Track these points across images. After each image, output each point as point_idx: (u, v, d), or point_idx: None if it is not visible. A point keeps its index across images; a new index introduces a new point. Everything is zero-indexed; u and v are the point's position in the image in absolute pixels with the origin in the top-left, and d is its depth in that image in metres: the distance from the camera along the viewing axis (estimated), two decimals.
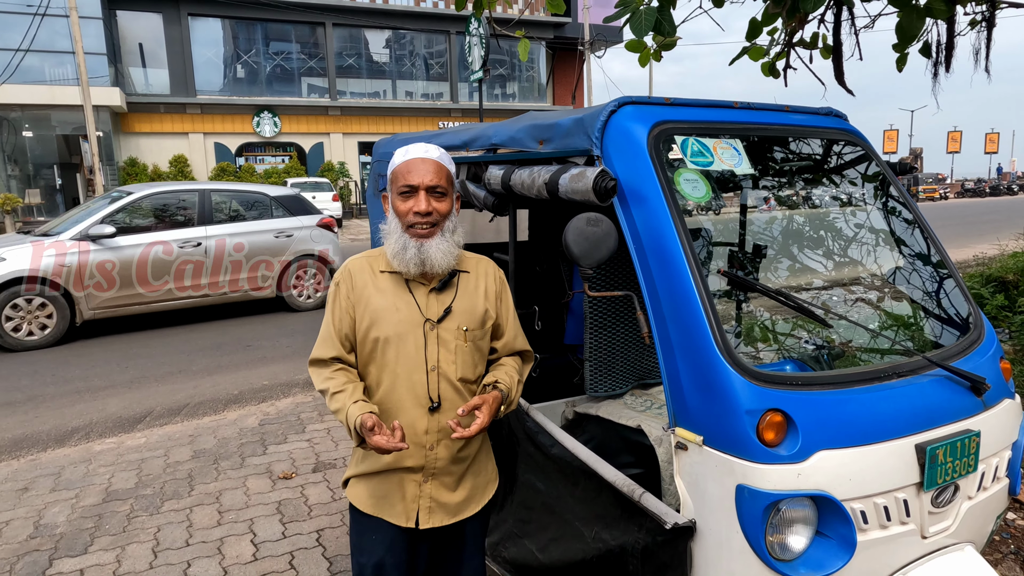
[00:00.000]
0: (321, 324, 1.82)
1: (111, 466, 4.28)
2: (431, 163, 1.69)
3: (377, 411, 1.69)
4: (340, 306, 1.75)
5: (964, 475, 1.73)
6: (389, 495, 1.76)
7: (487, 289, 1.82)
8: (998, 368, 1.96)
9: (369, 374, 1.75)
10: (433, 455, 1.74)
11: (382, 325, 1.70)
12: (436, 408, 1.71)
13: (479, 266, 1.85)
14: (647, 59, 4.50)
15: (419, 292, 1.74)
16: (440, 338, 1.72)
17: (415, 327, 1.71)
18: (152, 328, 8.17)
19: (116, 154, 23.77)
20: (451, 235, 1.73)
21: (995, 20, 4.56)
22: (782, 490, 1.51)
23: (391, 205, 1.73)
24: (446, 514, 1.79)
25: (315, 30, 26.84)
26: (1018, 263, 6.54)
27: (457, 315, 1.74)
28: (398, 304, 1.72)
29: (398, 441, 1.57)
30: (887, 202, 2.39)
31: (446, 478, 1.77)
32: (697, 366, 1.63)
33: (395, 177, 1.71)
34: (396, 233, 1.70)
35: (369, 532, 1.78)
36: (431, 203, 1.67)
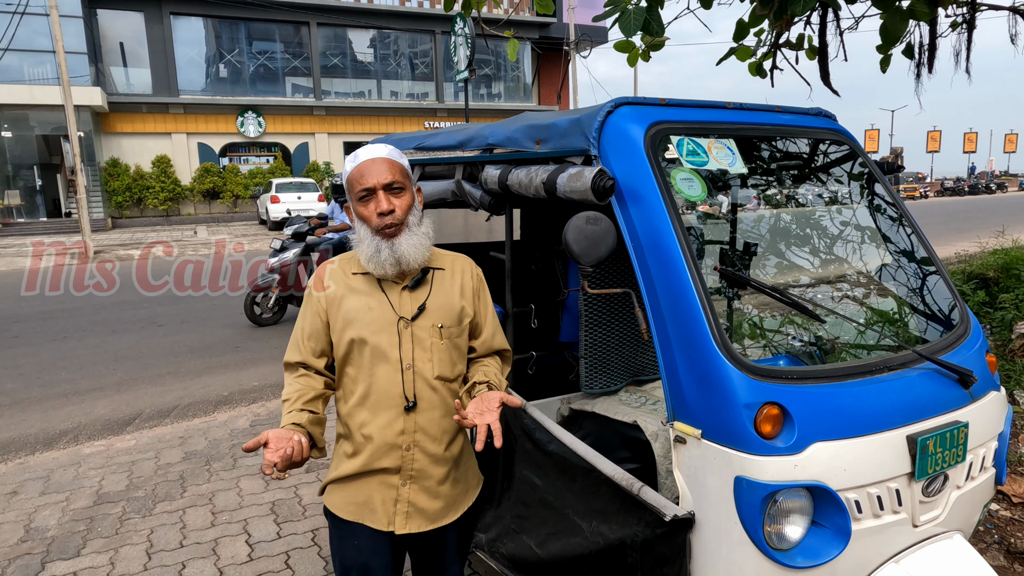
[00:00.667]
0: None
1: (101, 468, 4.25)
2: (382, 161, 1.68)
3: (303, 423, 1.61)
4: (312, 309, 1.74)
5: (953, 465, 1.78)
6: (369, 500, 1.72)
7: (463, 286, 1.81)
8: (984, 361, 2.01)
9: (347, 375, 1.73)
10: (410, 456, 1.71)
11: (356, 325, 1.69)
12: (412, 407, 1.69)
13: (455, 263, 1.83)
14: (635, 59, 4.54)
15: (392, 291, 1.72)
16: (415, 336, 1.70)
17: (389, 326, 1.69)
18: (139, 330, 8.10)
19: (98, 154, 23.49)
20: (419, 228, 1.72)
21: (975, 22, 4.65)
22: (779, 481, 1.55)
23: (355, 214, 1.72)
24: (424, 520, 1.75)
25: (299, 29, 26.68)
26: (998, 260, 6.66)
27: (432, 312, 1.73)
28: (371, 304, 1.70)
29: (274, 465, 1.48)
30: (875, 200, 2.44)
31: (426, 482, 1.73)
32: (695, 361, 1.66)
33: (351, 184, 1.69)
34: (367, 239, 1.69)
35: (350, 538, 1.75)
36: (391, 200, 1.66)
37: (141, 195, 24.26)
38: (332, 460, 1.81)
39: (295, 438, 1.55)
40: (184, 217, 25.15)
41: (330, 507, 1.77)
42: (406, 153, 2.94)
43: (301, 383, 1.72)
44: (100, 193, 23.27)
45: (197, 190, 25.10)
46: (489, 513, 2.49)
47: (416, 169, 2.87)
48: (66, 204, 24.31)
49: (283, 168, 26.41)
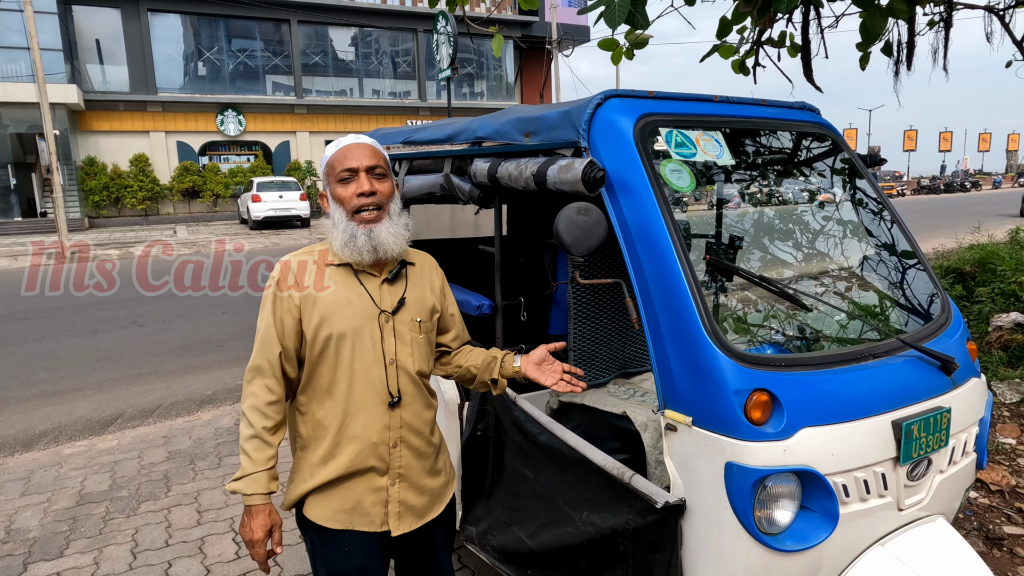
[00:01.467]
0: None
1: (83, 469, 4.19)
2: (366, 146, 1.66)
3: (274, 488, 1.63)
4: (281, 306, 1.63)
5: (936, 450, 1.81)
6: (359, 504, 1.66)
7: (432, 281, 1.80)
8: (965, 349, 2.06)
9: (320, 375, 1.64)
10: (397, 453, 1.67)
11: (334, 320, 1.61)
12: (396, 403, 1.65)
13: (423, 260, 1.82)
14: (619, 57, 4.57)
15: (371, 283, 1.67)
16: (396, 330, 1.67)
17: (370, 320, 1.64)
18: (120, 330, 7.98)
19: (74, 153, 23.10)
20: (398, 218, 1.68)
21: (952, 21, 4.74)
22: (769, 466, 1.57)
23: (331, 196, 1.66)
24: (414, 517, 1.73)
25: (279, 27, 26.45)
26: (974, 255, 6.80)
27: (411, 306, 1.71)
28: (350, 297, 1.64)
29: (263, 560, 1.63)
30: (859, 193, 2.49)
31: (412, 478, 1.71)
32: (686, 349, 1.68)
33: (332, 166, 1.65)
34: (342, 223, 1.63)
35: (339, 547, 1.67)
36: (373, 184, 1.63)
37: (119, 194, 23.90)
38: (298, 469, 1.71)
39: (277, 521, 1.64)
40: (163, 217, 24.83)
41: (314, 519, 1.68)
42: (394, 147, 2.94)
43: (270, 409, 1.62)
44: (76, 192, 22.89)
45: (176, 189, 24.79)
46: (479, 506, 2.50)
47: (404, 163, 2.87)
48: (41, 204, 23.88)
49: (264, 167, 26.16)
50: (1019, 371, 4.88)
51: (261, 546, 1.61)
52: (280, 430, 1.67)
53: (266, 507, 1.61)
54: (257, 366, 1.65)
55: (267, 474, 1.62)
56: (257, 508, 1.61)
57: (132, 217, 24.37)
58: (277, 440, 1.66)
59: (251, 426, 1.62)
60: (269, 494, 1.62)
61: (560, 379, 1.80)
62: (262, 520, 1.60)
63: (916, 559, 1.74)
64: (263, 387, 1.64)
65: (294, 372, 1.68)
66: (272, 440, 1.64)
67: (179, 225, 23.28)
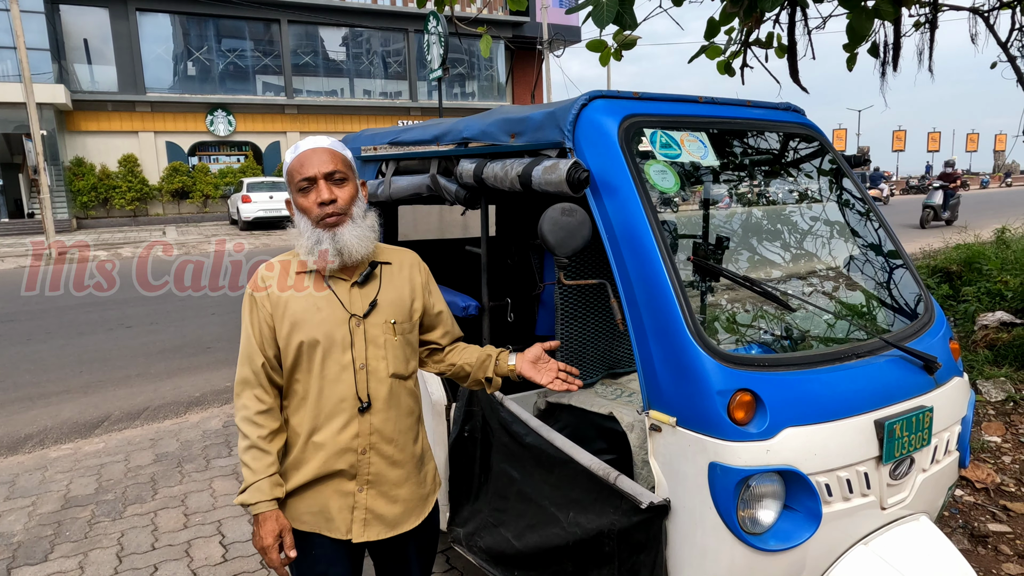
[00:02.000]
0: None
1: (68, 472, 4.16)
2: (323, 151, 1.62)
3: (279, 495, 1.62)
4: (257, 315, 1.63)
5: (919, 448, 1.83)
6: (325, 508, 1.65)
7: (412, 280, 1.76)
8: (948, 348, 2.07)
9: (296, 382, 1.64)
10: (366, 460, 1.64)
11: (304, 328, 1.60)
12: (366, 408, 1.63)
13: (402, 258, 1.78)
14: (607, 58, 4.58)
15: (340, 288, 1.65)
16: (368, 334, 1.64)
17: (340, 325, 1.62)
18: (107, 332, 7.93)
19: (61, 153, 22.91)
20: (363, 220, 1.65)
21: (937, 22, 4.78)
22: (752, 466, 1.58)
23: (295, 205, 1.65)
24: (383, 527, 1.69)
25: (269, 27, 26.33)
26: (961, 255, 6.85)
27: (384, 308, 1.67)
28: (319, 303, 1.62)
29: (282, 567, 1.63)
30: (843, 194, 2.50)
31: (383, 486, 1.68)
32: (670, 350, 1.68)
33: (291, 176, 1.63)
34: (307, 231, 1.61)
35: (307, 549, 1.67)
36: (332, 190, 1.60)
37: (107, 195, 23.72)
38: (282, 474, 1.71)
39: (286, 525, 1.63)
40: (152, 217, 24.66)
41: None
42: (381, 148, 2.93)
43: (262, 419, 1.62)
44: (64, 193, 22.70)
45: (166, 190, 24.62)
46: (467, 507, 2.50)
47: (391, 164, 2.86)
48: (29, 204, 23.68)
49: (254, 167, 26.03)
50: (1004, 369, 4.92)
51: (273, 551, 1.60)
52: (278, 437, 1.65)
53: (273, 513, 1.60)
54: (244, 378, 1.65)
55: (269, 481, 1.60)
56: (264, 516, 1.60)
57: (121, 218, 24.19)
58: (275, 447, 1.64)
59: (247, 437, 1.62)
60: (275, 500, 1.61)
61: (556, 378, 1.78)
62: (270, 526, 1.60)
63: (899, 558, 1.75)
64: (252, 398, 1.64)
65: (281, 379, 1.67)
66: (270, 447, 1.62)
67: (169, 226, 23.13)
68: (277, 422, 1.65)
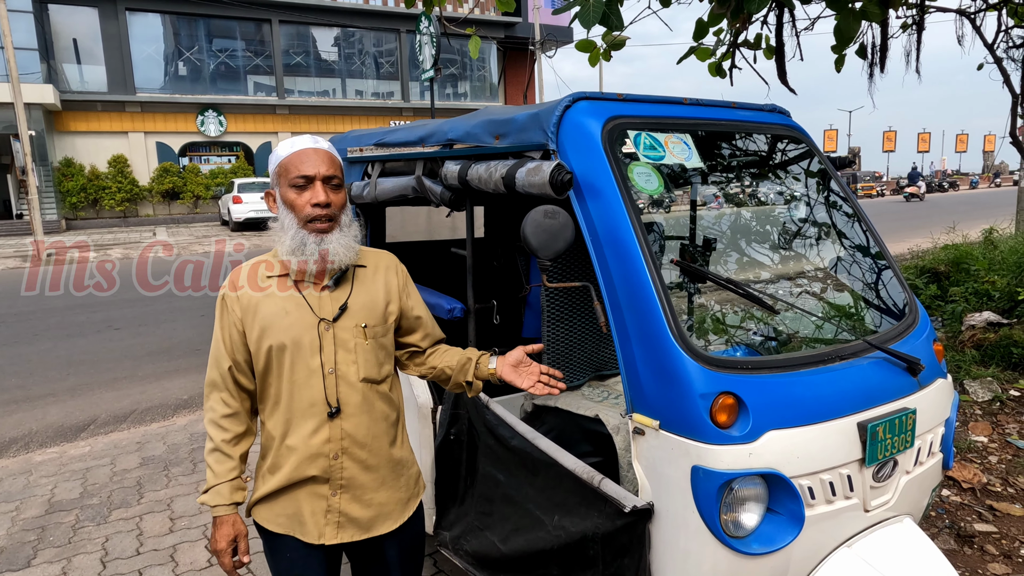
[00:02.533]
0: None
1: (53, 476, 4.12)
2: (323, 153, 1.60)
3: (239, 500, 1.64)
4: (227, 319, 1.62)
5: (902, 451, 1.83)
6: (298, 512, 1.64)
7: (388, 282, 1.73)
8: (931, 350, 2.07)
9: (269, 385, 1.63)
10: (339, 464, 1.62)
11: (273, 332, 1.58)
12: (336, 414, 1.60)
13: (379, 260, 1.75)
14: (596, 59, 4.58)
15: (310, 291, 1.63)
16: (337, 338, 1.61)
17: (309, 329, 1.59)
18: (95, 334, 7.86)
19: (50, 154, 22.74)
20: (349, 229, 1.63)
21: (924, 24, 4.80)
22: (735, 469, 1.57)
23: (282, 199, 1.60)
24: (357, 529, 1.67)
25: (261, 27, 26.22)
26: (949, 255, 6.89)
27: (354, 312, 1.64)
28: (287, 307, 1.60)
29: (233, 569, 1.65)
30: (828, 196, 2.50)
31: (357, 490, 1.65)
32: (653, 353, 1.67)
33: (286, 169, 1.58)
34: (292, 229, 1.57)
35: (282, 551, 1.67)
36: (329, 195, 1.57)
37: (97, 196, 23.55)
38: (256, 476, 1.72)
39: (242, 530, 1.64)
40: (143, 218, 24.51)
41: (260, 521, 1.70)
42: (367, 149, 2.91)
43: (227, 422, 1.63)
44: (53, 194, 22.53)
45: (156, 191, 24.48)
46: (453, 510, 2.48)
47: (377, 165, 2.85)
48: (17, 205, 23.49)
49: (245, 168, 25.92)
50: (991, 369, 4.94)
51: (226, 556, 1.63)
52: (243, 441, 1.67)
53: (230, 517, 1.63)
54: (212, 380, 1.66)
55: (229, 485, 1.63)
56: (221, 519, 1.62)
57: (110, 219, 24.04)
58: (239, 451, 1.66)
59: (211, 439, 1.65)
60: (233, 504, 1.63)
61: (537, 381, 1.76)
62: (226, 530, 1.62)
63: (882, 560, 1.75)
64: (219, 400, 1.65)
65: (250, 384, 1.67)
66: (232, 452, 1.65)
67: (159, 227, 23.00)
68: (243, 426, 1.67)
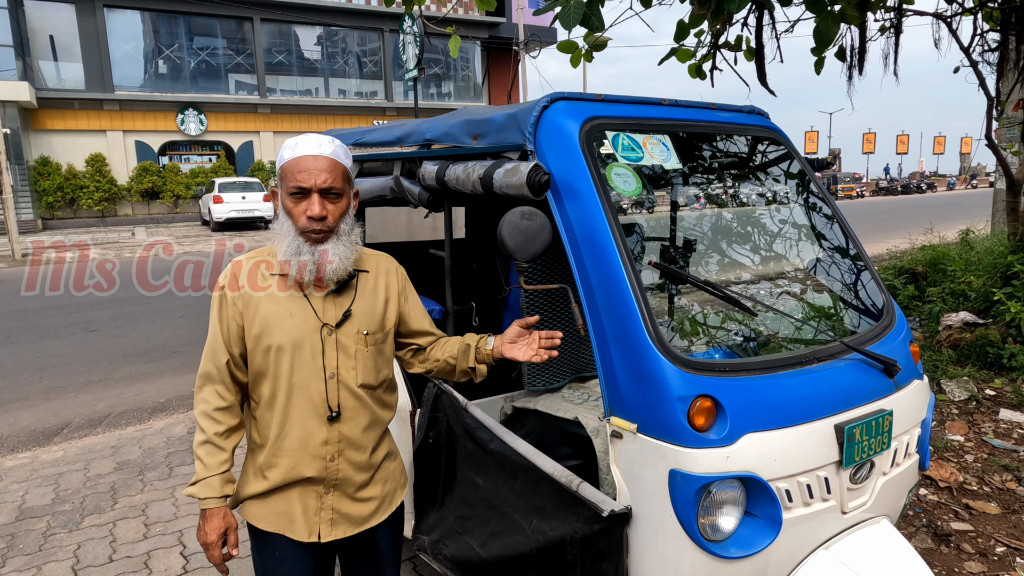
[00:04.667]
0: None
1: (24, 482, 4.03)
2: (324, 160, 1.55)
3: (229, 492, 1.62)
4: (227, 313, 1.60)
5: (879, 452, 1.83)
6: (289, 511, 1.64)
7: (388, 287, 1.72)
8: (908, 351, 2.08)
9: (261, 385, 1.62)
10: (334, 467, 1.63)
11: (275, 332, 1.57)
12: (335, 418, 1.61)
13: (379, 264, 1.74)
14: (579, 59, 4.57)
15: (314, 295, 1.61)
16: (339, 343, 1.61)
17: (312, 333, 1.58)
18: (69, 336, 7.72)
19: (26, 152, 22.35)
20: (348, 237, 1.61)
21: (902, 27, 4.85)
22: (712, 473, 1.56)
23: (281, 203, 1.59)
24: (350, 524, 1.69)
25: (242, 25, 25.96)
26: (926, 256, 6.97)
27: (357, 318, 1.64)
28: (292, 309, 1.59)
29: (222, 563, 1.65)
30: (807, 197, 2.51)
31: (349, 488, 1.67)
32: (630, 356, 1.66)
33: (285, 175, 1.56)
34: (289, 235, 1.56)
35: (270, 549, 1.67)
36: (325, 207, 1.54)
37: (74, 195, 23.18)
38: (244, 471, 1.71)
39: (232, 523, 1.63)
40: (121, 218, 24.17)
41: (249, 519, 1.69)
42: None
43: (220, 415, 1.62)
44: (29, 193, 22.14)
45: (135, 190, 24.14)
46: (432, 514, 2.46)
47: (355, 165, 2.81)
48: None
49: (227, 167, 25.64)
50: (967, 369, 5.01)
51: (215, 548, 1.62)
52: (235, 434, 1.66)
53: (220, 510, 1.62)
54: (206, 372, 1.64)
55: (220, 478, 1.61)
56: (211, 512, 1.61)
57: (88, 218, 23.66)
58: (231, 444, 1.65)
59: (203, 432, 1.62)
60: (223, 497, 1.62)
61: (539, 348, 1.73)
62: (216, 523, 1.61)
63: (859, 562, 1.75)
64: (213, 393, 1.64)
65: (244, 377, 1.66)
66: (225, 444, 1.63)
67: (138, 227, 22.68)
68: (236, 419, 1.66)
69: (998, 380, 4.87)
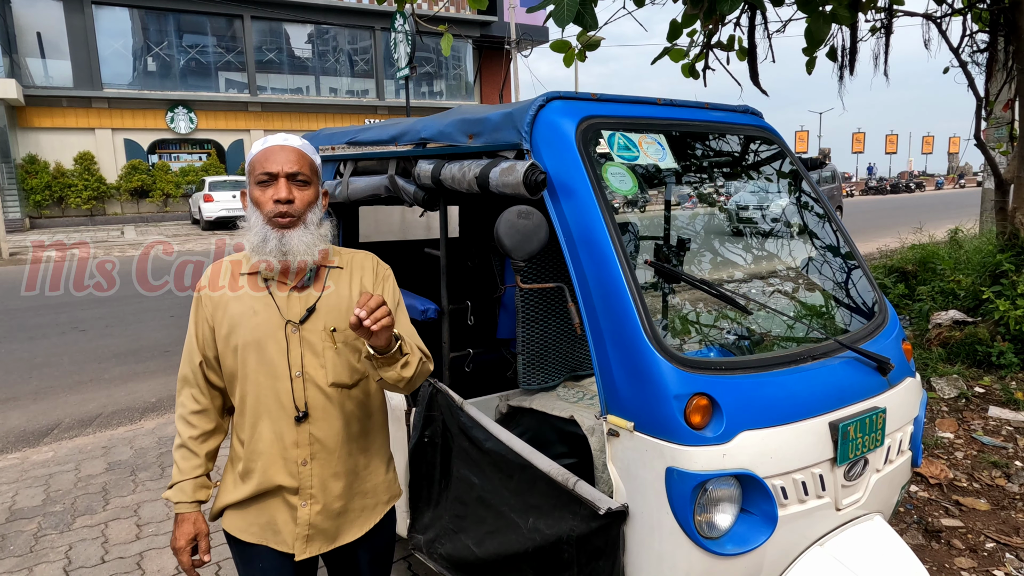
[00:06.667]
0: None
1: (14, 483, 4.00)
2: (291, 150, 1.56)
3: (203, 499, 1.63)
4: (201, 315, 1.61)
5: (872, 449, 1.85)
6: (272, 520, 1.61)
7: (363, 283, 1.67)
8: (900, 349, 2.10)
9: (235, 388, 1.60)
10: (307, 471, 1.59)
11: (240, 331, 1.56)
12: (304, 418, 1.57)
13: (354, 260, 1.70)
14: (571, 59, 4.57)
15: (279, 292, 1.59)
16: (304, 340, 1.57)
17: (276, 330, 1.56)
18: (59, 336, 7.66)
19: (13, 150, 22.12)
20: (315, 228, 1.58)
21: (892, 28, 4.89)
22: (709, 470, 1.57)
23: (250, 197, 1.58)
24: (324, 540, 1.65)
25: (232, 23, 25.79)
26: (916, 255, 7.03)
27: (323, 314, 1.59)
28: (256, 307, 1.58)
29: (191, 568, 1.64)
30: (800, 196, 2.52)
31: (327, 499, 1.62)
32: (627, 354, 1.67)
33: (252, 167, 1.56)
34: (257, 226, 1.55)
35: (254, 561, 1.64)
36: (292, 191, 1.54)
37: (63, 194, 22.96)
38: (223, 480, 1.68)
39: (203, 529, 1.64)
40: (110, 217, 23.97)
41: (231, 530, 1.65)
42: (339, 148, 2.87)
43: (196, 419, 1.63)
44: (16, 191, 21.92)
45: (124, 188, 23.94)
46: (428, 514, 2.46)
47: (349, 164, 2.81)
48: None
49: (217, 166, 25.48)
50: (957, 367, 5.05)
51: (184, 554, 1.62)
52: (211, 438, 1.67)
53: (191, 515, 1.62)
54: (183, 375, 1.67)
55: (193, 483, 1.62)
56: (182, 516, 1.62)
57: (77, 217, 23.45)
58: (206, 449, 1.65)
59: (179, 435, 1.65)
60: (196, 503, 1.63)
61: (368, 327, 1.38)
62: (186, 528, 1.62)
63: (853, 558, 1.76)
64: (189, 396, 1.66)
65: (220, 381, 1.65)
66: (199, 449, 1.64)
67: (127, 226, 22.52)
68: (211, 423, 1.67)
69: (987, 377, 4.92)
